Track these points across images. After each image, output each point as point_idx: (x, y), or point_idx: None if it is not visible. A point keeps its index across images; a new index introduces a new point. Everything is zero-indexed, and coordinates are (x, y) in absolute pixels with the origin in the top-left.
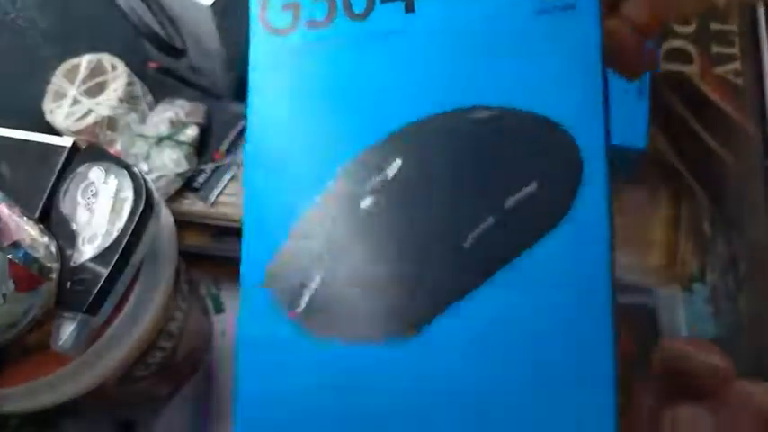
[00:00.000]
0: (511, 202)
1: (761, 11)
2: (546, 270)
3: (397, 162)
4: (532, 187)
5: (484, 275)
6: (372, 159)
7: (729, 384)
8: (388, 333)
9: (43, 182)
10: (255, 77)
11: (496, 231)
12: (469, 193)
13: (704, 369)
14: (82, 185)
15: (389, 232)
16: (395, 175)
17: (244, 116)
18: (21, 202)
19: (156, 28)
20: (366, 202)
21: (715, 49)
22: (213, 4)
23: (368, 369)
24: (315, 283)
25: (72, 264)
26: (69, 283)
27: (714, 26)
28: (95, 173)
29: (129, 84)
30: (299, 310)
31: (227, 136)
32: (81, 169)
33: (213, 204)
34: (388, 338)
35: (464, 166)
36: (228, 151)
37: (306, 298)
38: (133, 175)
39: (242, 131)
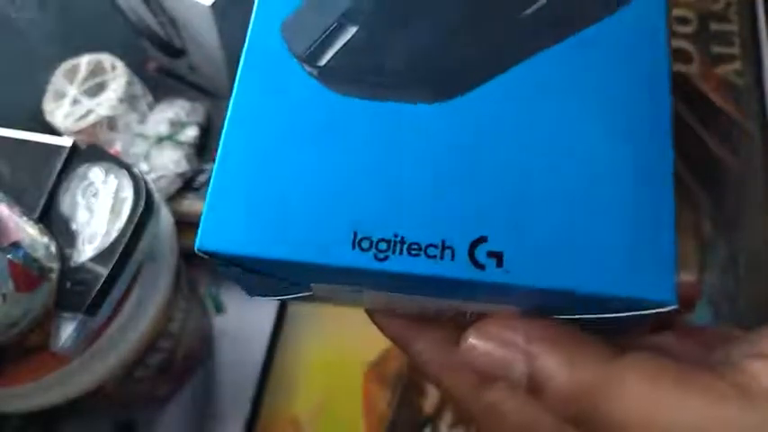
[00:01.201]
0: None
1: (761, 11)
2: (599, 52)
3: None
4: None
5: (534, 49)
6: None
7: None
8: (419, 97)
9: (43, 182)
10: None
11: (555, 6)
12: None
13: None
14: (82, 185)
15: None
16: None
17: None
18: (21, 202)
19: (156, 28)
20: None
21: (715, 49)
22: (213, 4)
23: (393, 128)
24: (344, 37)
25: (72, 264)
26: (69, 283)
27: (714, 26)
28: (95, 173)
29: (129, 84)
30: (321, 63)
31: None
32: (81, 169)
33: None
34: (419, 102)
35: None
36: None
37: (331, 52)
38: (133, 175)
39: None
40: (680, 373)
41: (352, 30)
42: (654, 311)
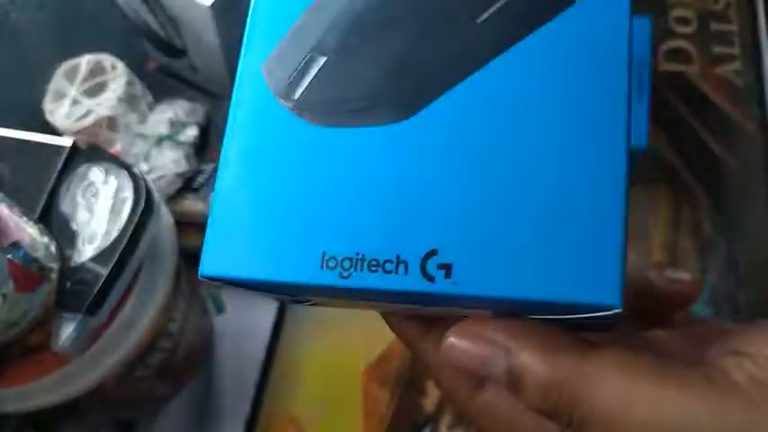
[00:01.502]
0: None
1: (761, 11)
2: (559, 49)
3: None
4: None
5: (495, 52)
6: None
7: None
8: (387, 117)
9: (43, 182)
10: None
11: (513, 7)
12: None
13: (669, 283)
14: (82, 185)
15: (397, 11)
16: None
17: None
18: (21, 202)
19: (156, 28)
20: None
21: (715, 49)
22: (213, 4)
23: (356, 153)
24: (314, 68)
25: (72, 264)
26: (69, 283)
27: (714, 26)
28: (95, 173)
29: (129, 84)
30: (296, 96)
31: None
32: (81, 169)
33: None
34: (387, 122)
35: None
36: None
37: (304, 84)
38: (133, 175)
39: None
40: (657, 368)
41: (322, 60)
42: (603, 314)
